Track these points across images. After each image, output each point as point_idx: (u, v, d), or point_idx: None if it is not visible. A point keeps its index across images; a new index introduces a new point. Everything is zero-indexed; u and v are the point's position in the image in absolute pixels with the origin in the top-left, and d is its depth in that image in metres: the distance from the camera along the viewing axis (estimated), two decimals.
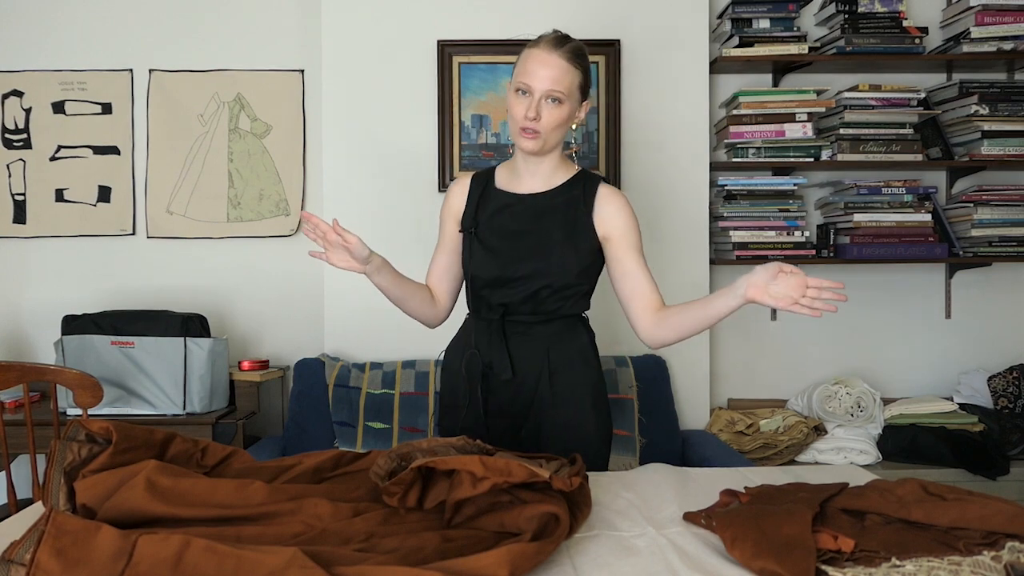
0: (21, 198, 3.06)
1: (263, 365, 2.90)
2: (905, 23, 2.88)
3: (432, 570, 1.00)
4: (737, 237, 2.88)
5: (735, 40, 2.89)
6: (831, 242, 2.97)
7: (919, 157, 2.90)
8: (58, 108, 3.05)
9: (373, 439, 2.63)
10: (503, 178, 1.86)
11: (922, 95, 2.96)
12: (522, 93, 1.71)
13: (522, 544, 1.08)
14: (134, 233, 3.08)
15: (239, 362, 2.89)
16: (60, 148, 3.06)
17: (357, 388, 2.70)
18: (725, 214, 2.90)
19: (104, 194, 3.06)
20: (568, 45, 1.72)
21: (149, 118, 3.06)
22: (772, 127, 2.88)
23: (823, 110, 2.92)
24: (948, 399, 2.98)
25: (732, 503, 1.35)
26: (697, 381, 2.92)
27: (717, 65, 2.94)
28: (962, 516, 1.17)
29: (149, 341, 2.62)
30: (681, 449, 2.70)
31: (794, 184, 2.94)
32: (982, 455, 2.71)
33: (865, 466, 2.64)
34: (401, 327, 2.15)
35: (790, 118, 2.88)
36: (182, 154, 3.06)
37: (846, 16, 2.87)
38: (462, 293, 1.92)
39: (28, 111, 3.05)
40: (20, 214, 3.06)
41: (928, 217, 2.92)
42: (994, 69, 3.05)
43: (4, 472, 2.60)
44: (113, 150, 3.06)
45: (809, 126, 2.88)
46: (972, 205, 2.92)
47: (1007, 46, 2.85)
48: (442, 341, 1.97)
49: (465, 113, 2.87)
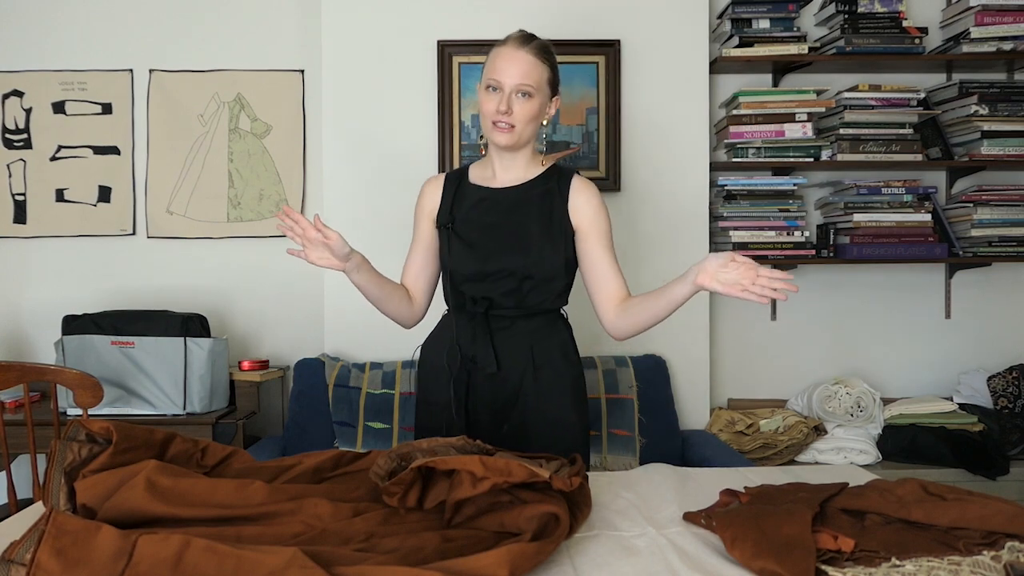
0: (21, 198, 3.06)
1: (263, 365, 2.90)
2: (905, 23, 2.88)
3: (432, 570, 1.00)
4: (737, 237, 2.88)
5: (735, 40, 2.89)
6: (831, 242, 2.97)
7: (919, 157, 2.90)
8: (58, 108, 3.05)
9: (373, 439, 2.63)
10: (477, 175, 1.88)
11: (922, 95, 2.96)
12: (492, 90, 1.74)
13: (522, 544, 1.08)
14: (134, 233, 3.08)
15: (239, 362, 2.89)
16: (60, 148, 3.06)
17: (357, 388, 2.71)
18: (725, 214, 2.90)
19: (104, 194, 3.07)
20: (535, 42, 1.77)
21: (149, 118, 3.06)
22: (772, 127, 2.88)
23: (823, 110, 2.92)
24: (948, 399, 2.98)
25: (732, 503, 1.36)
26: (697, 381, 2.92)
27: (717, 65, 2.94)
28: (962, 516, 1.17)
29: (149, 341, 2.62)
30: (681, 449, 2.70)
31: (794, 184, 2.94)
32: (982, 455, 2.71)
33: (865, 466, 2.64)
34: (401, 327, 2.15)
35: (790, 118, 2.88)
36: (182, 154, 3.06)
37: (846, 16, 2.87)
38: (438, 292, 1.92)
39: (28, 111, 3.05)
40: (20, 214, 3.06)
41: (928, 217, 2.92)
42: (994, 69, 3.06)
43: (4, 472, 2.60)
44: (113, 150, 3.07)
45: (809, 126, 2.88)
46: (972, 205, 2.92)
47: (1007, 46, 2.85)
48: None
49: (465, 113, 2.87)
